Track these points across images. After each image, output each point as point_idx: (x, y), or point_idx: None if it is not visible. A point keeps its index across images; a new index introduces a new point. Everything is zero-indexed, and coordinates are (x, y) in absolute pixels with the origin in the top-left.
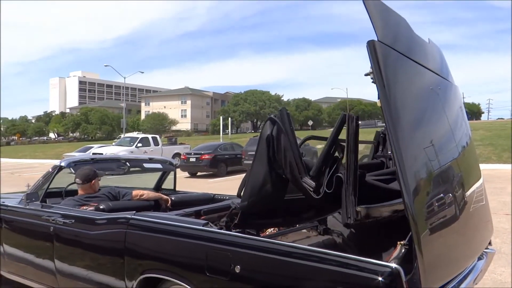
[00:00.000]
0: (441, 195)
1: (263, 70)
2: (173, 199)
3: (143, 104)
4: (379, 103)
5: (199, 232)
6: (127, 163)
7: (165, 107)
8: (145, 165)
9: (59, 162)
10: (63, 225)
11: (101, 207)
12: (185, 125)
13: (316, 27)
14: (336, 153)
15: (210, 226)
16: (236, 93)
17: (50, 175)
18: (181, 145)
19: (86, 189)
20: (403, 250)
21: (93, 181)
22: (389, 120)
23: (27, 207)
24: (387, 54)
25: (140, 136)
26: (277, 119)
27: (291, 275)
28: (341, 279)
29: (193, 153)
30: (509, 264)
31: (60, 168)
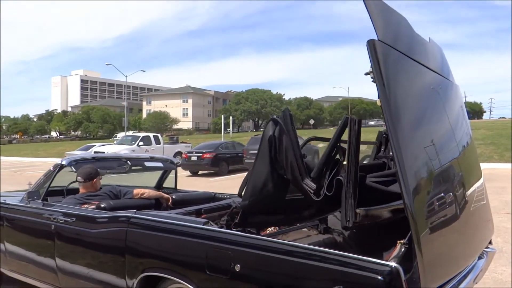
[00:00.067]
0: (442, 194)
1: (264, 69)
2: (174, 197)
3: (144, 102)
4: (379, 102)
5: (200, 230)
6: (128, 162)
7: (166, 106)
8: (146, 164)
9: (60, 160)
10: (64, 224)
11: (102, 206)
12: (186, 123)
13: (317, 26)
14: (337, 156)
15: (210, 225)
16: (237, 92)
17: (51, 173)
18: (182, 143)
19: (87, 187)
20: (403, 249)
21: (94, 180)
22: (389, 119)
23: (29, 206)
24: (387, 53)
25: (141, 135)
26: (279, 120)
27: (291, 274)
28: (341, 278)
29: (194, 152)
30: (509, 263)
31: (61, 166)
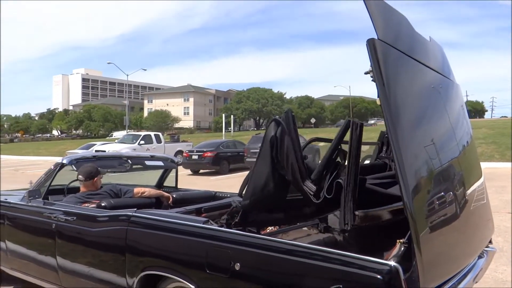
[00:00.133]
0: (442, 193)
1: (265, 67)
2: (174, 196)
3: (145, 101)
4: (378, 102)
5: (200, 229)
6: (129, 161)
7: (167, 105)
8: (147, 163)
9: (61, 159)
10: (65, 222)
11: (103, 205)
12: (187, 122)
13: (318, 25)
14: (338, 158)
15: (210, 223)
16: (238, 90)
17: (52, 172)
18: (183, 142)
19: (88, 186)
20: (402, 248)
21: (95, 179)
22: (389, 118)
23: (30, 204)
24: (387, 52)
25: (142, 133)
26: (281, 121)
27: (291, 273)
28: (340, 277)
29: (195, 151)
30: (510, 262)
31: (62, 165)
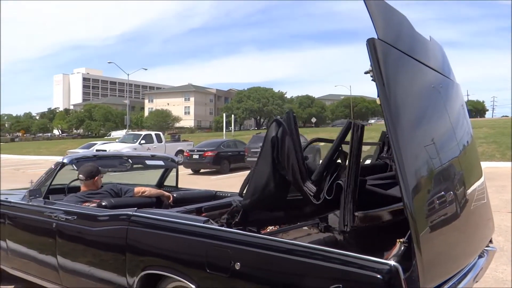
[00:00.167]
0: (442, 193)
1: (266, 67)
2: (175, 196)
3: (146, 101)
4: (378, 101)
5: (200, 229)
6: (130, 160)
7: (168, 104)
8: (147, 162)
9: (61, 159)
10: (66, 222)
11: (103, 204)
12: (188, 122)
13: (319, 25)
14: (339, 160)
15: (211, 223)
16: (239, 90)
17: (52, 171)
18: (184, 142)
19: (89, 185)
20: (402, 247)
21: (96, 178)
22: (389, 118)
23: (30, 204)
24: (387, 52)
25: (143, 133)
26: (283, 121)
27: (291, 272)
28: (340, 276)
29: (196, 150)
30: (510, 262)
31: (62, 165)
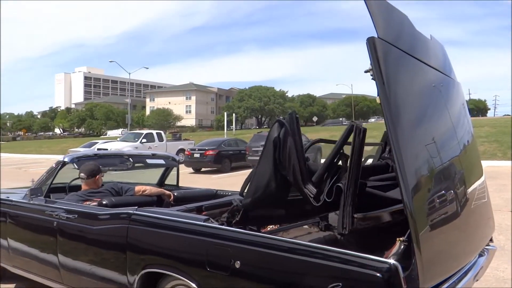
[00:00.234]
0: (442, 192)
1: (267, 66)
2: (175, 194)
3: (148, 99)
4: (378, 100)
5: (200, 227)
6: (130, 159)
7: (169, 103)
8: (148, 161)
9: (62, 157)
10: (67, 220)
11: (104, 203)
12: (189, 121)
13: (320, 24)
14: (340, 162)
15: (211, 222)
16: (240, 89)
17: (53, 170)
18: (185, 140)
19: (89, 184)
20: (402, 246)
21: (97, 177)
22: (389, 117)
23: (31, 202)
24: (387, 51)
25: (144, 132)
26: (285, 122)
27: (291, 271)
28: (340, 275)
29: (197, 149)
30: (511, 261)
31: (63, 163)
